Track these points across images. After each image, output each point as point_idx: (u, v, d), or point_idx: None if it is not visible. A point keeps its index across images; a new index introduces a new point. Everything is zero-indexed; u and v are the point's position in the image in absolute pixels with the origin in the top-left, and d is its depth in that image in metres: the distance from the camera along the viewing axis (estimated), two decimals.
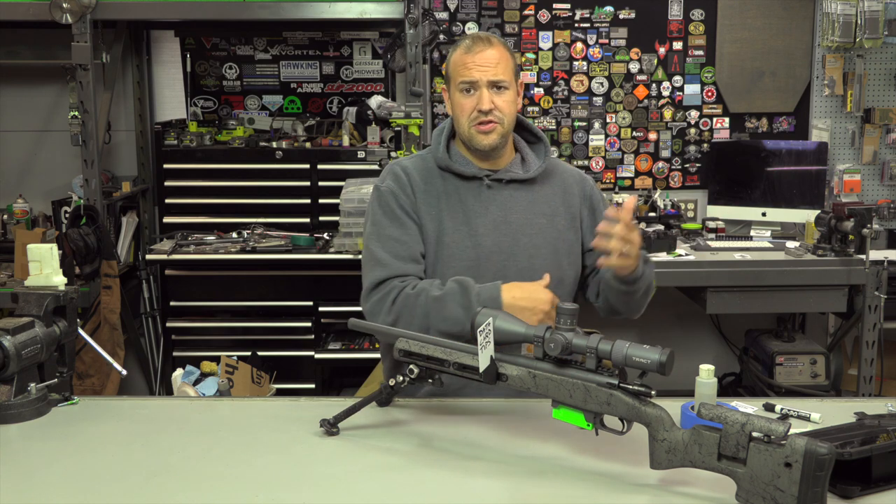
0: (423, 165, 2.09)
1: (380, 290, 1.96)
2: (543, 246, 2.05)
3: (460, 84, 2.00)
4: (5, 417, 1.81)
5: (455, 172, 2.06)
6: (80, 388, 3.73)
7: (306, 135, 4.30)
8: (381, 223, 2.02)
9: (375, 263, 1.99)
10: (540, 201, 2.08)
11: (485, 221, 2.04)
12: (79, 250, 3.76)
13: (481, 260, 2.02)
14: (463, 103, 2.00)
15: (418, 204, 2.04)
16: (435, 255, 2.03)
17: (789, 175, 4.27)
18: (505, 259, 2.03)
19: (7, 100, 4.47)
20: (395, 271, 1.97)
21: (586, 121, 4.51)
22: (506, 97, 2.00)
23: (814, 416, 1.81)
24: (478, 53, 1.98)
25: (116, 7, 3.82)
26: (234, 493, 1.51)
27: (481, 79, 1.97)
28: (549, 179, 2.11)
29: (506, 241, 2.03)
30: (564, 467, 1.60)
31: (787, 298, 3.80)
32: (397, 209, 2.02)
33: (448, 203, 2.04)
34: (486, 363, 1.60)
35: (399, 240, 2.00)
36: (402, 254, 1.99)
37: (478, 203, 2.04)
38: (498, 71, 1.98)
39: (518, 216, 2.05)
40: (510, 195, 2.06)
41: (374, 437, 1.75)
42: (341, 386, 4.27)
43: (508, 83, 2.00)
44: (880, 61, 4.41)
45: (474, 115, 1.99)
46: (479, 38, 2.01)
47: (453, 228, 2.03)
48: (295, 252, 3.87)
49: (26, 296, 1.92)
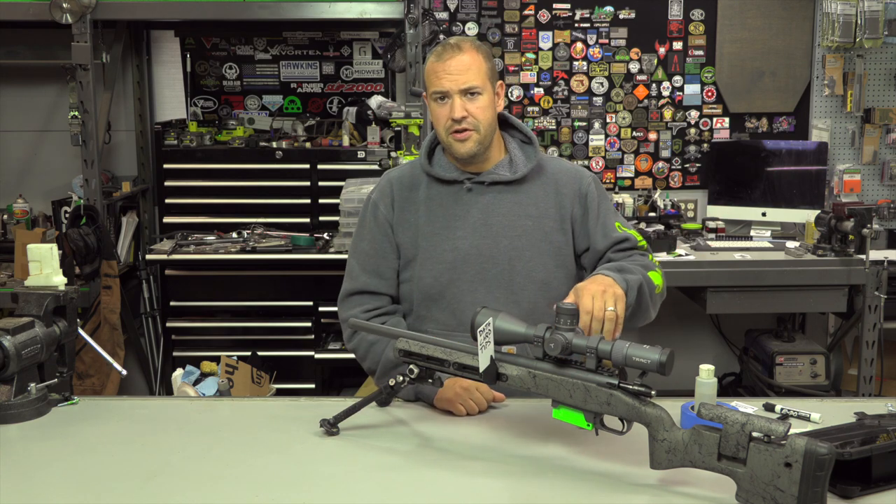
0: (412, 173, 2.12)
1: (346, 305, 2.10)
2: (527, 248, 2.03)
3: (434, 94, 2.00)
4: (5, 417, 1.81)
5: (437, 178, 2.07)
6: (80, 388, 3.72)
7: (306, 135, 4.30)
8: (360, 234, 2.13)
9: (347, 274, 2.13)
10: (526, 202, 2.06)
11: (463, 224, 2.04)
12: (79, 250, 3.76)
13: (458, 263, 2.02)
14: (437, 112, 2.00)
15: (397, 218, 2.08)
16: (413, 259, 2.06)
17: (789, 175, 4.27)
18: (484, 262, 2.02)
19: (7, 100, 4.47)
20: (360, 285, 2.08)
21: (586, 121, 4.51)
22: (479, 103, 1.98)
23: (814, 416, 1.81)
24: (447, 61, 1.97)
25: (116, 7, 3.82)
26: (234, 493, 1.51)
27: (451, 88, 1.96)
28: (540, 179, 2.09)
29: (485, 243, 2.03)
30: (564, 467, 1.60)
31: (787, 298, 3.80)
32: (373, 223, 2.10)
33: (429, 208, 2.06)
34: (486, 363, 1.59)
35: (369, 254, 2.10)
36: (369, 268, 2.09)
37: (458, 206, 2.05)
38: (469, 77, 1.96)
39: (500, 218, 2.04)
40: (493, 197, 2.05)
41: (374, 437, 1.75)
42: (341, 386, 4.27)
43: (481, 87, 1.98)
44: (880, 61, 4.40)
45: (448, 123, 1.98)
46: (448, 46, 1.99)
47: (431, 233, 2.05)
48: (295, 252, 3.87)
49: (26, 296, 1.92)
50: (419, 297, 2.06)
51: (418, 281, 2.05)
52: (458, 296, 2.02)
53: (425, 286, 2.04)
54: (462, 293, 2.02)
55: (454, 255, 2.03)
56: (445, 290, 2.02)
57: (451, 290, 2.02)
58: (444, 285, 2.02)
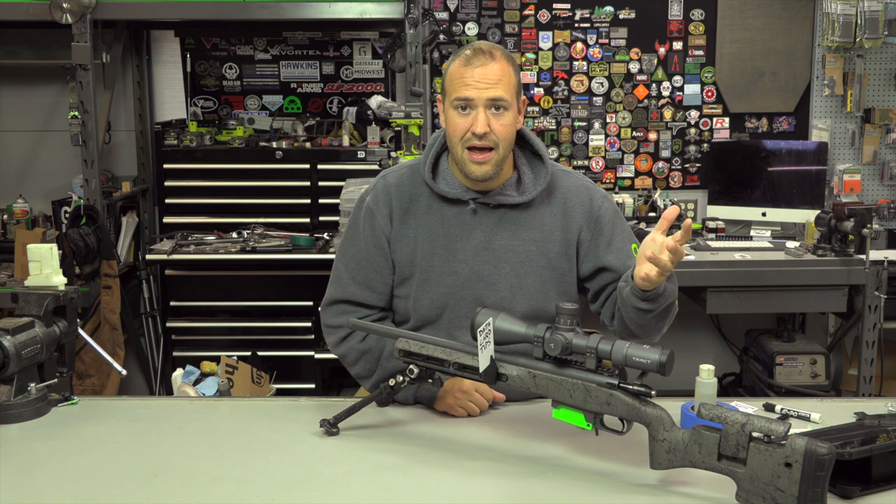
0: (412, 181, 1.97)
1: (330, 311, 2.01)
2: (528, 275, 1.93)
3: (455, 101, 1.83)
4: (5, 417, 1.81)
5: (439, 195, 1.94)
6: (80, 388, 3.73)
7: (306, 135, 4.30)
8: (351, 239, 2.02)
9: (334, 279, 2.02)
10: (532, 226, 1.94)
11: (465, 246, 1.93)
12: (79, 250, 3.76)
13: (457, 287, 1.93)
14: (457, 122, 1.84)
15: (395, 233, 1.96)
16: (410, 278, 1.96)
17: (789, 175, 4.27)
18: (483, 288, 1.93)
19: (7, 100, 4.47)
20: (348, 295, 1.98)
21: (586, 121, 4.51)
22: (504, 120, 1.83)
23: (814, 416, 1.81)
24: (477, 67, 1.81)
25: (116, 7, 3.81)
26: (233, 493, 1.51)
27: (478, 98, 1.81)
28: (549, 200, 1.96)
29: (486, 268, 1.92)
30: (564, 467, 1.60)
31: (787, 298, 3.80)
32: (368, 232, 1.97)
33: (429, 225, 1.94)
34: (486, 363, 1.59)
35: (361, 265, 1.98)
36: (360, 279, 1.97)
37: (460, 226, 1.93)
38: (498, 90, 1.81)
39: (503, 242, 1.93)
40: (498, 219, 1.93)
41: (374, 437, 1.75)
42: (341, 386, 4.27)
43: (509, 103, 1.83)
44: (880, 61, 4.40)
45: (468, 136, 1.83)
46: (480, 51, 1.83)
47: (430, 252, 1.94)
48: (295, 252, 3.87)
49: (26, 296, 1.92)
50: (415, 318, 1.97)
51: (415, 302, 1.96)
52: (454, 321, 1.94)
53: (422, 309, 1.95)
54: (459, 318, 1.93)
55: (453, 279, 1.93)
56: (442, 314, 1.95)
57: (447, 314, 1.94)
58: (441, 309, 1.94)
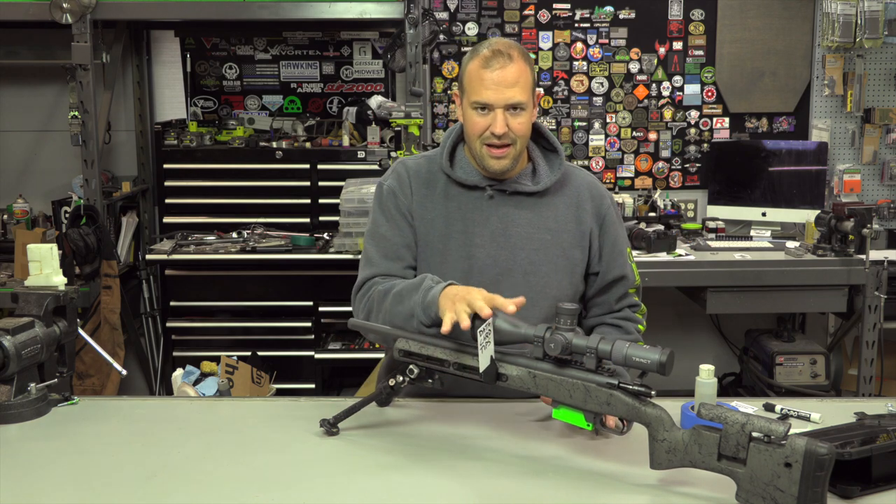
0: (429, 167, 2.02)
1: (364, 289, 1.96)
2: (543, 263, 1.97)
3: (474, 103, 1.89)
4: (5, 417, 1.81)
5: (457, 181, 1.98)
6: (80, 388, 3.72)
7: (306, 135, 4.30)
8: (377, 221, 2.01)
9: (366, 262, 2.00)
10: (546, 215, 1.99)
11: (482, 232, 1.96)
12: (79, 250, 3.76)
13: (473, 271, 1.95)
14: (476, 121, 1.89)
15: (415, 206, 1.99)
16: (426, 261, 1.98)
17: (789, 175, 4.27)
18: (499, 273, 1.95)
19: (7, 100, 4.47)
20: (381, 270, 1.96)
21: (586, 121, 4.51)
22: (521, 119, 1.88)
23: (814, 416, 1.81)
24: (496, 70, 1.86)
25: (116, 7, 3.81)
26: (234, 493, 1.51)
27: (497, 102, 1.86)
28: (562, 192, 2.01)
29: (502, 254, 1.96)
30: (564, 467, 1.60)
31: (787, 298, 3.80)
32: (393, 209, 1.99)
33: (447, 209, 1.98)
34: (486, 363, 1.59)
35: (390, 239, 1.98)
36: (390, 253, 1.97)
37: (477, 213, 1.97)
38: (516, 92, 1.86)
39: (519, 229, 1.97)
40: (514, 207, 1.97)
41: (374, 437, 1.75)
42: (341, 386, 4.27)
43: (526, 103, 1.88)
44: (880, 61, 4.40)
45: (486, 134, 1.88)
46: (497, 52, 1.87)
47: (447, 235, 1.97)
48: (295, 252, 3.87)
49: (26, 296, 1.92)
50: None
51: None
52: None
53: None
54: None
55: (469, 262, 1.95)
56: None
57: None
58: None
